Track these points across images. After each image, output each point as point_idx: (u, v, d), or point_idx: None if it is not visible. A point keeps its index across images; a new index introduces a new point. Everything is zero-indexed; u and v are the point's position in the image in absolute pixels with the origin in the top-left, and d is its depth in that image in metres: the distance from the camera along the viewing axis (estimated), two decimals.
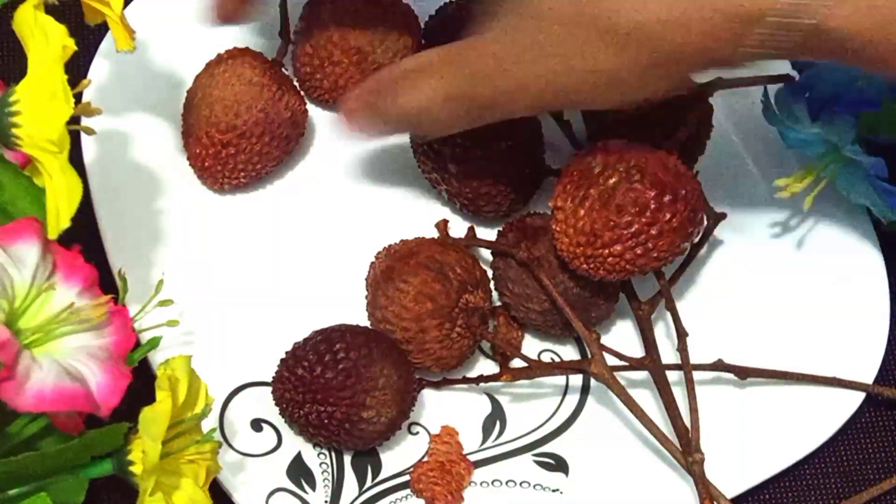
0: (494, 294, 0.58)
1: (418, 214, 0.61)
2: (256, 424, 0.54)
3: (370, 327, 0.56)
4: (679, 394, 0.56)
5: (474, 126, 0.53)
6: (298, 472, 0.54)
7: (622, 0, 0.45)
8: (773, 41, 0.45)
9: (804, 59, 0.54)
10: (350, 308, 0.57)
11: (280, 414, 0.54)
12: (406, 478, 0.55)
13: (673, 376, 0.56)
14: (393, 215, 0.61)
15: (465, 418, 0.57)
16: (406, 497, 0.54)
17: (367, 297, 0.57)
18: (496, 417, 0.57)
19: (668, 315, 0.57)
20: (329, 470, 0.54)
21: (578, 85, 0.48)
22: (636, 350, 0.58)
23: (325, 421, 0.52)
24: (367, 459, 0.55)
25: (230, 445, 0.53)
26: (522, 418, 0.57)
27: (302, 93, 0.60)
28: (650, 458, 0.56)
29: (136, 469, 0.42)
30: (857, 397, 0.58)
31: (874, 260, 0.61)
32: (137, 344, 0.44)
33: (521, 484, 0.55)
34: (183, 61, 0.61)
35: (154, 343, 0.50)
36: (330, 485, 0.54)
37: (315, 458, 0.54)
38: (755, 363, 0.58)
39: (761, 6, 0.44)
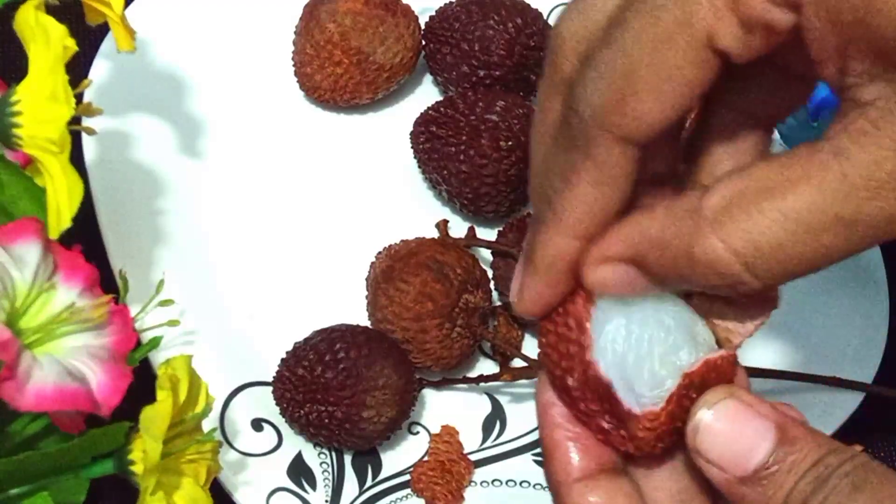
0: (494, 294, 0.58)
1: (418, 214, 0.61)
2: (257, 424, 0.55)
3: (370, 327, 0.56)
4: None
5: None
6: (299, 471, 0.54)
7: None
8: None
9: None
10: (350, 308, 0.57)
11: (280, 413, 0.54)
12: (406, 477, 0.55)
13: None
14: (393, 215, 0.61)
15: (465, 418, 0.57)
16: (406, 496, 0.54)
17: (367, 297, 0.57)
18: (496, 417, 0.57)
19: None
20: (329, 469, 0.54)
21: None
22: None
23: (326, 420, 0.52)
24: (367, 459, 0.55)
25: (231, 445, 0.53)
26: (522, 418, 0.57)
27: None
28: None
29: (137, 468, 0.42)
30: (857, 397, 0.58)
31: (874, 260, 0.61)
32: (138, 344, 0.44)
33: (521, 484, 0.55)
34: (183, 61, 0.61)
35: (155, 343, 0.50)
36: (330, 484, 0.54)
37: (315, 458, 0.54)
38: (755, 363, 0.58)
39: None
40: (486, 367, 0.58)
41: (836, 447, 0.32)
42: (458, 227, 0.60)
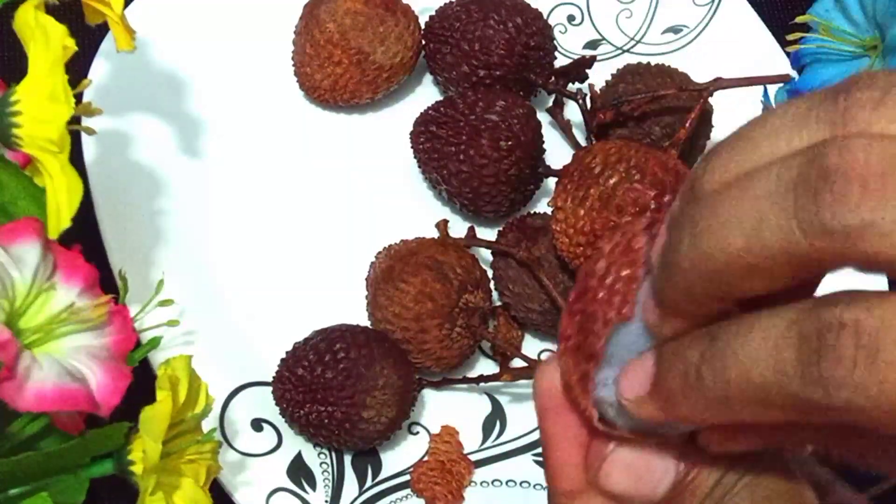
0: (494, 294, 0.58)
1: (418, 214, 0.61)
2: (257, 424, 0.55)
3: (370, 327, 0.56)
4: None
5: None
6: (299, 471, 0.54)
7: None
8: None
9: None
10: (350, 308, 0.57)
11: (280, 414, 0.54)
12: (406, 477, 0.55)
13: None
14: (393, 215, 0.61)
15: (465, 418, 0.57)
16: (406, 497, 0.54)
17: (367, 297, 0.57)
18: (496, 417, 0.57)
19: None
20: (329, 470, 0.54)
21: None
22: None
23: (326, 421, 0.52)
24: (367, 459, 0.55)
25: (231, 445, 0.53)
26: (522, 418, 0.57)
27: None
28: None
29: (137, 469, 0.42)
30: None
31: None
32: (138, 344, 0.44)
33: (521, 484, 0.55)
34: (183, 61, 0.61)
35: (154, 343, 0.50)
36: (330, 484, 0.54)
37: (315, 458, 0.54)
38: None
39: None
40: (486, 367, 0.58)
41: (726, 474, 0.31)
42: (458, 227, 0.60)
